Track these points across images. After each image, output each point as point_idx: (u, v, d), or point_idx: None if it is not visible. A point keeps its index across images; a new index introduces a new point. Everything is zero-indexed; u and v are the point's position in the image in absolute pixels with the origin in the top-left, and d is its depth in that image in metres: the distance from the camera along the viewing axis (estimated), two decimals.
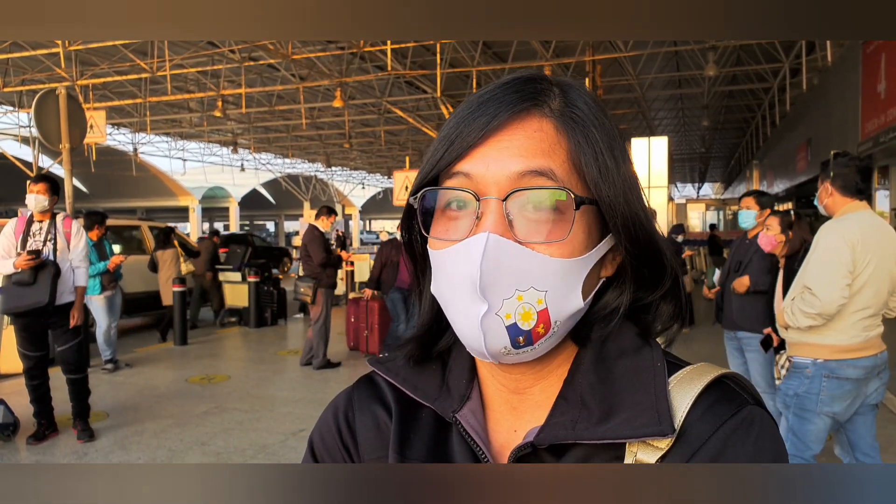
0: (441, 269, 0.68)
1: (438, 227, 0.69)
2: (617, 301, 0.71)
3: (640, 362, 0.68)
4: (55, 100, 7.57)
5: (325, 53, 16.02)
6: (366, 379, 0.84)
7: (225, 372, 7.87)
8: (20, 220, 5.32)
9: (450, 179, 0.67)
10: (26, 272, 5.02)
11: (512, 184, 0.63)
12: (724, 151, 38.61)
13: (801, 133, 17.38)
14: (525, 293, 0.63)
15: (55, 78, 17.31)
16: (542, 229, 0.64)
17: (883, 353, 3.24)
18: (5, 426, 5.29)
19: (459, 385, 0.75)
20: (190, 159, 36.65)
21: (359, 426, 0.79)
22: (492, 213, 0.63)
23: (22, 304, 5.04)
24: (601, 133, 0.68)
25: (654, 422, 0.63)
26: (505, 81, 0.69)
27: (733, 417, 0.63)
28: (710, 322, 11.70)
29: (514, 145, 0.65)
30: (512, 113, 0.66)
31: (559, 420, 0.67)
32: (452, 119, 0.69)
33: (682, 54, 16.79)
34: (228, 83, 19.41)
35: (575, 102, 0.69)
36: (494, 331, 0.63)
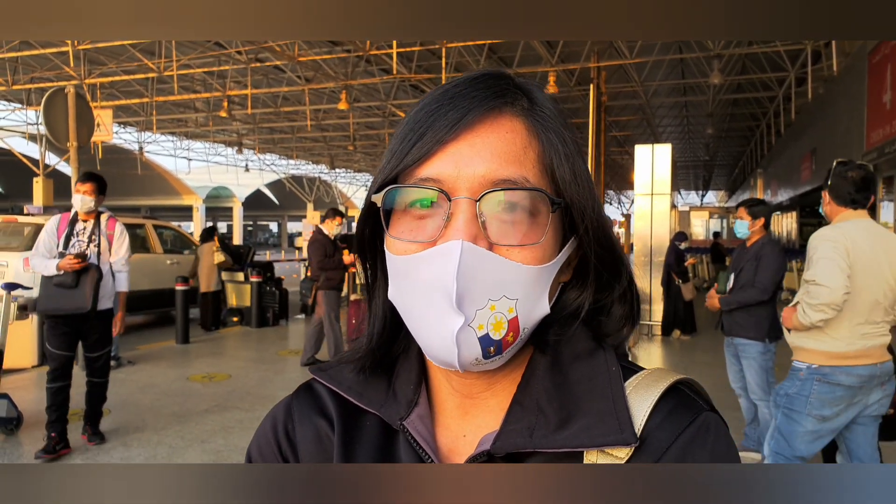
0: (405, 276, 0.64)
1: (401, 226, 0.64)
2: (576, 303, 0.70)
3: (595, 367, 0.67)
4: (64, 98, 7.62)
5: (331, 56, 16.07)
6: (305, 388, 0.79)
7: (226, 371, 7.89)
8: (63, 218, 5.08)
9: (418, 178, 0.63)
10: (69, 275, 4.80)
11: (484, 185, 0.61)
12: (729, 159, 38.57)
13: (806, 143, 17.37)
14: (497, 302, 0.61)
15: (63, 76, 17.39)
16: (517, 232, 0.62)
17: (886, 363, 3.21)
18: (8, 420, 5.32)
19: (407, 390, 0.71)
20: (195, 159, 36.74)
21: (299, 439, 0.75)
22: (463, 213, 0.60)
23: (62, 307, 4.81)
24: (569, 134, 0.67)
25: (615, 430, 0.61)
26: (473, 77, 0.67)
27: (691, 425, 0.63)
28: (711, 330, 11.70)
29: (487, 146, 0.62)
30: (485, 110, 0.63)
31: (515, 427, 0.65)
32: (418, 112, 0.65)
33: (688, 62, 16.80)
34: (234, 84, 19.48)
35: (541, 102, 0.67)
36: (468, 343, 0.61)
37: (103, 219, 5.13)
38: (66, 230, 4.99)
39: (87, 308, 4.80)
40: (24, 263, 9.09)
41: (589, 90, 13.68)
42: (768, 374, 4.69)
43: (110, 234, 5.12)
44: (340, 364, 0.76)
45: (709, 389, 0.72)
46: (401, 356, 0.75)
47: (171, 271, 11.35)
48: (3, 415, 5.28)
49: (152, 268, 11.24)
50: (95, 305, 4.86)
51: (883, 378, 3.21)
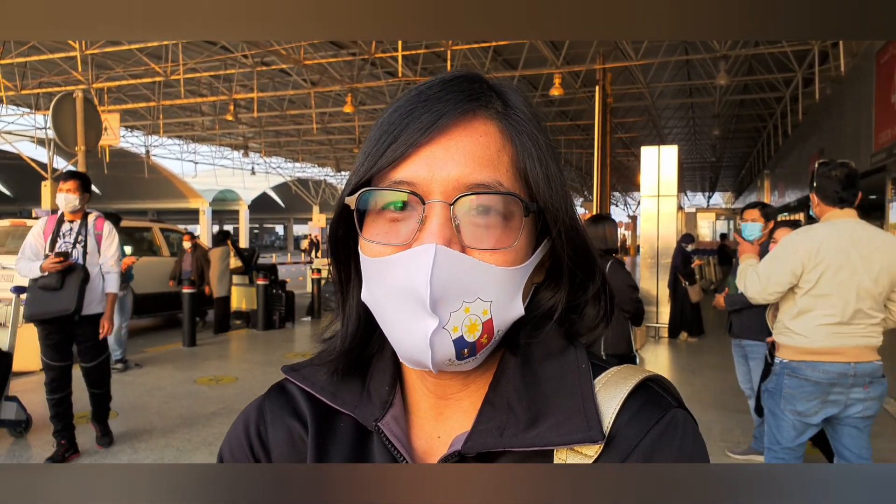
0: (379, 278, 0.63)
1: (375, 229, 0.64)
2: (549, 303, 0.70)
3: (565, 364, 0.67)
4: (72, 103, 7.66)
5: (337, 59, 16.11)
6: (277, 388, 0.78)
7: (233, 374, 7.91)
8: (50, 220, 4.86)
9: (392, 180, 0.63)
10: (53, 276, 4.58)
11: (459, 189, 0.61)
12: (735, 161, 38.49)
13: (814, 143, 17.31)
14: (472, 304, 0.61)
15: (71, 81, 17.50)
16: (490, 236, 0.62)
17: (864, 363, 3.18)
18: (18, 423, 5.34)
19: (381, 391, 0.71)
20: (201, 162, 36.91)
21: (272, 441, 0.74)
22: (437, 216, 0.60)
23: (47, 310, 4.60)
24: (543, 137, 0.67)
25: (582, 427, 0.61)
26: (445, 78, 0.66)
27: (659, 422, 0.63)
28: (719, 332, 11.66)
29: (461, 150, 0.62)
30: (459, 113, 0.63)
31: (486, 427, 0.65)
32: (392, 114, 0.65)
33: (694, 63, 16.77)
34: (241, 87, 19.54)
35: (516, 105, 0.67)
36: (442, 345, 0.60)
37: (90, 219, 4.91)
38: (53, 232, 4.79)
39: (72, 309, 4.59)
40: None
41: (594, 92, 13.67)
42: None
43: (98, 234, 4.89)
44: (313, 365, 0.75)
45: (716, 392, 0.72)
46: (375, 356, 0.74)
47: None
48: (13, 417, 5.30)
49: (159, 271, 11.30)
50: (81, 307, 4.65)
51: (862, 379, 3.18)
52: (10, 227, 10.03)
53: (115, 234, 4.98)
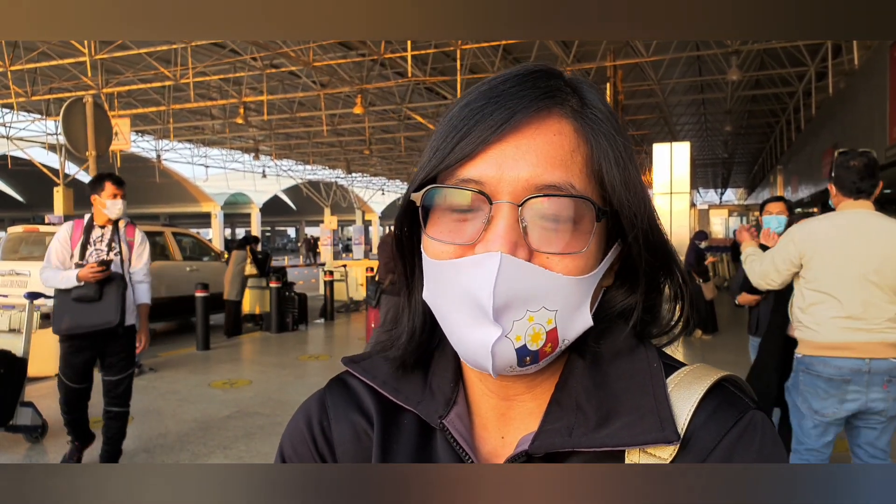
0: (441, 281, 0.62)
1: (439, 227, 0.63)
2: (622, 306, 0.68)
3: (636, 363, 0.65)
4: (82, 108, 7.69)
5: (346, 60, 16.12)
6: (338, 381, 0.77)
7: (247, 377, 7.91)
8: (76, 226, 4.49)
9: (459, 178, 0.61)
10: (91, 286, 4.25)
11: (528, 190, 0.59)
12: (748, 156, 38.26)
13: (827, 138, 17.16)
14: (536, 314, 0.59)
15: (81, 86, 17.60)
16: (560, 240, 0.60)
17: (879, 360, 3.07)
18: (34, 428, 5.36)
19: (445, 388, 0.70)
20: (212, 166, 37.05)
21: (336, 436, 0.73)
22: (504, 218, 0.58)
23: (86, 323, 4.27)
24: (621, 138, 0.64)
25: (656, 427, 0.60)
26: (519, 73, 0.64)
27: (737, 424, 0.61)
28: (733, 330, 11.58)
29: (532, 149, 0.60)
30: (533, 111, 0.61)
31: (554, 427, 0.63)
32: (462, 108, 0.63)
33: (705, 59, 16.67)
34: (250, 90, 19.60)
35: (593, 103, 0.65)
36: (503, 354, 0.59)
37: (122, 225, 4.58)
38: (81, 238, 4.43)
39: (116, 321, 4.27)
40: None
41: (605, 89, 13.61)
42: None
43: (130, 241, 4.59)
44: (373, 357, 0.74)
45: None
46: (436, 352, 0.73)
47: (191, 278, 11.43)
48: (28, 423, 5.32)
49: (171, 275, 11.32)
50: (124, 318, 4.35)
51: (879, 377, 3.07)
52: (23, 233, 10.09)
53: (146, 242, 4.71)
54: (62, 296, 4.32)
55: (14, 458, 5.12)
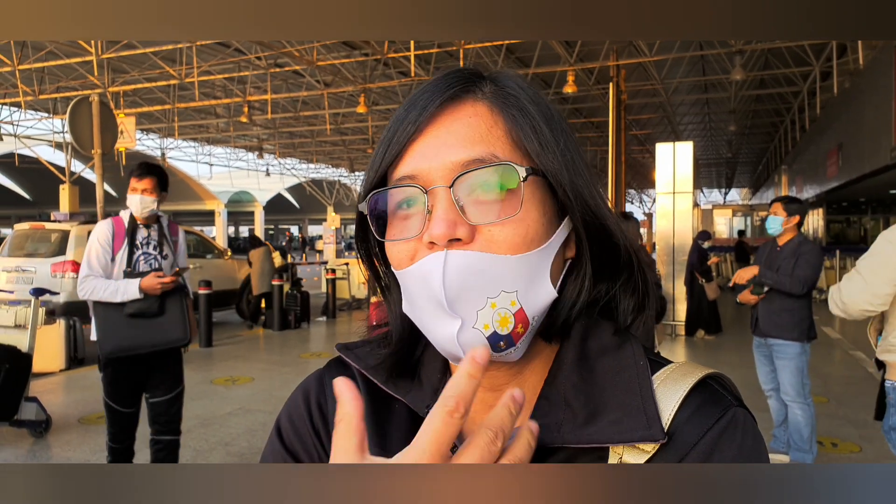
0: (408, 289, 0.66)
1: (392, 230, 0.66)
2: (578, 286, 0.69)
3: (622, 360, 0.66)
4: (88, 107, 7.73)
5: (350, 60, 16.14)
6: (337, 361, 0.80)
7: (248, 374, 7.95)
8: (117, 224, 3.82)
9: (395, 179, 0.65)
10: (152, 299, 3.67)
11: (456, 171, 0.62)
12: (752, 156, 38.13)
13: (832, 138, 17.12)
14: (496, 299, 0.61)
15: (88, 85, 17.67)
16: (495, 209, 0.62)
17: None
18: (38, 423, 5.40)
19: (433, 378, 0.72)
20: (216, 164, 37.11)
21: (331, 411, 0.75)
22: (440, 202, 0.62)
23: (148, 342, 3.69)
24: (536, 108, 0.67)
25: (642, 425, 0.61)
26: (436, 77, 0.68)
27: (720, 420, 0.62)
28: (736, 330, 11.57)
29: (451, 134, 0.64)
30: (443, 101, 0.65)
31: (543, 422, 0.63)
32: (391, 122, 0.68)
33: (709, 58, 16.63)
34: (254, 89, 19.65)
35: (506, 84, 0.68)
36: (472, 342, 0.61)
37: (163, 222, 4.03)
38: (126, 241, 3.79)
39: (185, 339, 3.78)
40: (51, 269, 9.24)
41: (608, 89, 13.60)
42: (803, 376, 4.57)
43: (175, 240, 4.02)
44: (367, 345, 0.77)
45: None
46: (426, 348, 0.75)
47: (195, 275, 11.48)
48: (33, 418, 5.36)
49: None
50: (189, 333, 3.82)
51: None
52: (30, 230, 10.15)
53: (185, 240, 4.23)
54: (111, 311, 3.64)
55: (18, 454, 5.16)
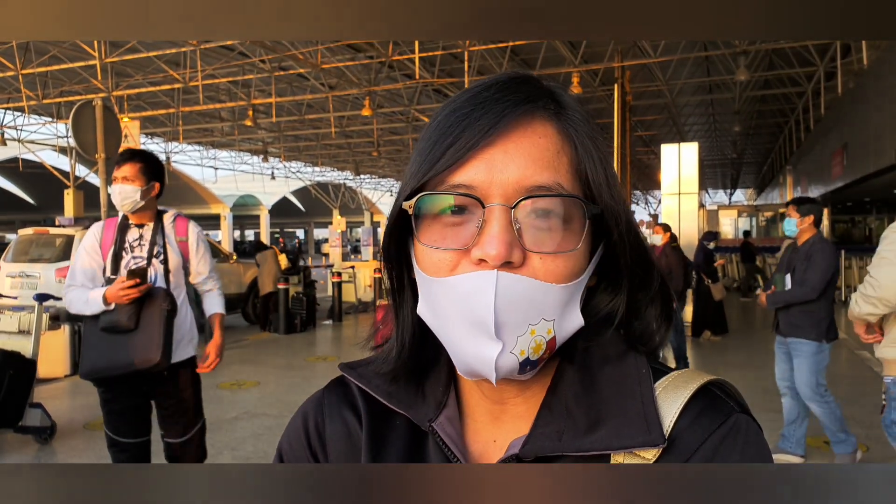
0: (437, 297, 0.63)
1: (432, 234, 0.63)
2: (607, 308, 0.69)
3: (625, 369, 0.66)
4: (92, 111, 7.74)
5: (354, 63, 16.16)
6: (337, 382, 0.80)
7: (254, 378, 7.93)
8: (108, 226, 3.26)
9: (450, 184, 0.62)
10: (124, 310, 3.02)
11: (519, 194, 0.60)
12: (757, 157, 38.06)
13: (837, 138, 17.05)
14: (536, 326, 0.60)
15: (91, 89, 17.72)
16: (552, 239, 0.61)
17: None
18: (42, 429, 5.39)
19: (436, 392, 0.71)
20: (221, 168, 37.21)
21: (329, 435, 0.75)
22: (498, 220, 0.59)
23: (119, 363, 3.03)
24: (600, 140, 0.66)
25: (642, 431, 0.61)
26: (501, 79, 0.65)
27: (721, 426, 0.62)
28: (742, 330, 11.53)
29: (520, 152, 0.61)
30: (518, 115, 0.62)
31: (544, 431, 0.65)
32: (449, 115, 0.64)
33: (713, 59, 16.60)
34: (259, 93, 19.67)
35: (570, 106, 0.67)
36: (507, 367, 0.60)
37: (167, 220, 3.33)
38: (114, 243, 3.20)
39: (157, 360, 3.00)
40: (55, 275, 9.24)
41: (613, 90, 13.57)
42: (819, 375, 4.62)
43: (182, 241, 3.33)
44: (371, 365, 0.75)
45: (740, 390, 0.69)
46: (431, 360, 0.74)
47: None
48: (38, 424, 5.35)
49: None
50: (169, 354, 3.09)
51: None
52: (34, 235, 10.17)
53: (204, 241, 3.44)
54: (89, 325, 3.13)
55: (23, 460, 5.15)
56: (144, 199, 3.17)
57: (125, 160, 3.17)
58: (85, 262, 3.20)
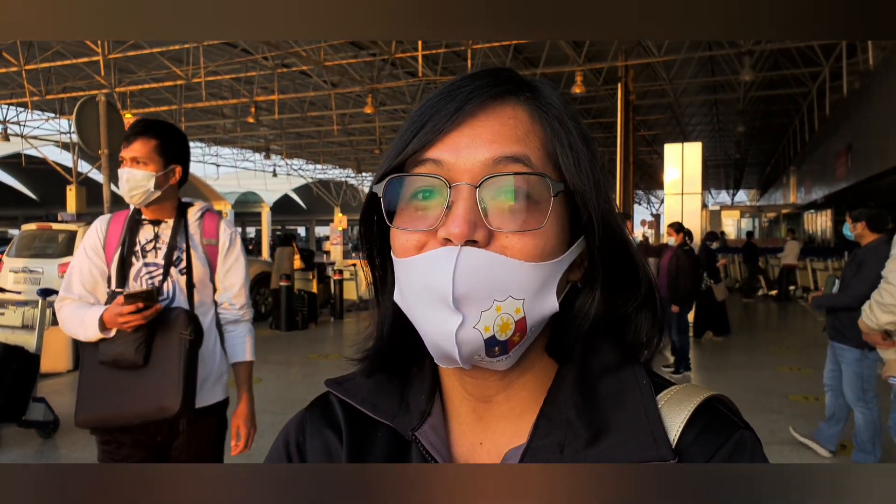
0: (407, 278, 0.63)
1: (403, 218, 0.64)
2: (588, 307, 0.68)
3: (624, 380, 0.65)
4: (95, 107, 7.74)
5: (357, 60, 16.14)
6: (319, 400, 0.79)
7: (256, 375, 7.91)
8: (115, 221, 2.48)
9: (418, 167, 0.63)
10: (130, 339, 2.23)
11: (485, 170, 0.60)
12: (760, 157, 37.99)
13: (841, 138, 17.03)
14: (503, 303, 0.59)
15: (94, 85, 17.71)
16: (518, 217, 0.60)
17: None
18: (45, 424, 5.40)
19: (419, 400, 0.71)
20: (223, 165, 37.22)
21: (309, 452, 0.75)
22: (464, 200, 0.59)
23: (123, 413, 2.25)
24: (574, 124, 0.66)
25: (650, 445, 0.60)
26: (475, 72, 0.66)
27: (727, 443, 0.61)
28: (744, 331, 11.52)
29: (486, 131, 0.62)
30: (486, 98, 0.63)
31: (544, 443, 0.64)
32: (421, 107, 0.65)
33: (717, 59, 16.56)
34: (261, 90, 19.65)
35: (546, 94, 0.67)
36: (469, 342, 0.59)
37: (193, 216, 2.53)
38: (122, 244, 2.41)
39: (176, 408, 2.22)
40: (58, 270, 9.25)
41: (617, 89, 13.56)
42: (864, 382, 4.61)
43: (211, 243, 2.52)
44: (356, 377, 0.75)
45: (742, 391, 0.70)
46: (414, 366, 0.74)
47: None
48: (41, 419, 5.36)
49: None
50: (192, 399, 2.30)
51: None
52: (37, 231, 10.18)
53: (239, 245, 2.59)
54: (88, 355, 2.34)
55: (26, 454, 5.16)
56: (161, 187, 2.39)
57: (136, 135, 2.39)
58: (85, 267, 2.42)
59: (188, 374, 2.26)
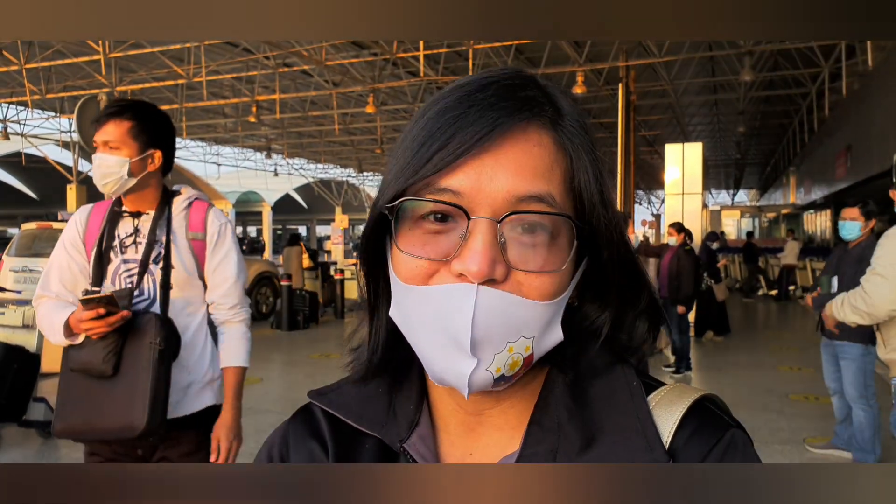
0: (412, 305, 0.60)
1: (412, 240, 0.60)
2: (595, 324, 0.67)
3: (614, 382, 0.64)
4: (96, 106, 7.75)
5: (358, 60, 16.14)
6: (302, 410, 0.77)
7: (257, 374, 7.93)
8: (96, 212, 2.31)
9: (435, 189, 0.58)
10: (98, 346, 2.05)
11: (507, 206, 0.57)
12: (760, 158, 37.99)
13: (841, 139, 17.02)
14: (515, 344, 0.58)
15: (95, 84, 17.70)
16: (538, 257, 0.58)
17: None
18: (46, 424, 5.40)
19: (407, 410, 0.69)
20: (224, 164, 37.20)
21: (295, 461, 0.73)
22: (482, 234, 0.56)
23: (94, 426, 2.09)
24: (598, 150, 0.63)
25: (643, 448, 0.59)
26: (495, 79, 0.61)
27: (719, 443, 0.61)
28: (745, 330, 11.52)
29: (512, 161, 0.58)
30: (513, 123, 0.58)
31: (536, 450, 0.63)
32: (439, 115, 0.60)
33: (718, 59, 16.56)
34: (263, 89, 19.65)
35: (569, 113, 0.63)
36: (481, 383, 0.58)
37: (178, 206, 2.32)
38: (100, 237, 2.23)
39: (141, 426, 2.02)
40: None
41: (617, 89, 13.56)
42: (866, 377, 4.61)
43: (198, 238, 2.30)
44: (341, 387, 0.73)
45: (743, 391, 0.71)
46: (400, 373, 0.71)
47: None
48: (41, 418, 5.36)
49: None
50: (162, 414, 2.08)
51: None
52: (37, 230, 10.18)
53: (231, 236, 2.37)
54: (64, 359, 2.18)
55: (26, 453, 5.16)
56: (137, 175, 2.15)
57: (108, 116, 2.16)
58: (63, 263, 2.24)
59: (157, 388, 2.03)
